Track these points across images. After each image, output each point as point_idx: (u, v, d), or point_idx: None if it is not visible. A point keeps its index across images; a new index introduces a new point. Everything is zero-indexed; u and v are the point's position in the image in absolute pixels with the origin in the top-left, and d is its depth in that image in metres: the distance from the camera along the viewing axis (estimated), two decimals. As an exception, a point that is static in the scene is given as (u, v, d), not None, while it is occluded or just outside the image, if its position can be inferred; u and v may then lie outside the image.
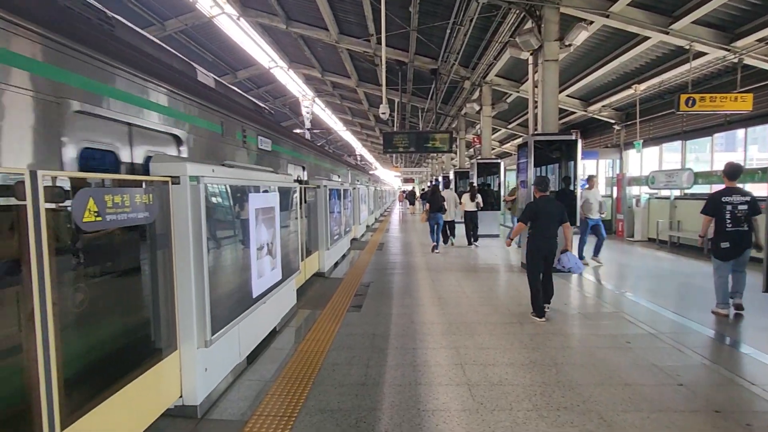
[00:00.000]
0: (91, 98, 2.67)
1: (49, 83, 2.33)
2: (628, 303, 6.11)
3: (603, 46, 9.89)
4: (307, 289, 6.95)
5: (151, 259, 2.83)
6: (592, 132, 16.14)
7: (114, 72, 2.89)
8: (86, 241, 2.32)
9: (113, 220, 2.32)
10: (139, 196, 2.54)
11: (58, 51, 2.40)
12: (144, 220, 2.61)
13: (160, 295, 2.83)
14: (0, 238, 1.89)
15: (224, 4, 12.25)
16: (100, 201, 2.22)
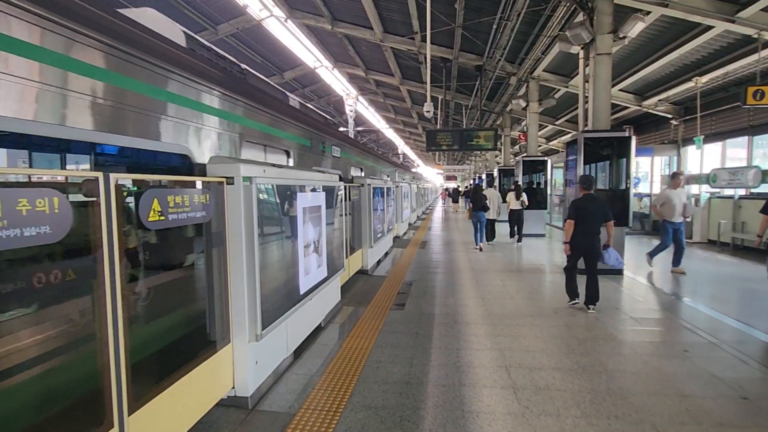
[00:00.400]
0: (251, 132, 3.98)
1: (239, 126, 3.76)
2: (686, 309, 5.78)
3: (660, 37, 9.37)
4: (351, 286, 7.05)
5: (206, 256, 2.98)
6: (647, 127, 15.34)
7: (260, 114, 4.19)
8: (150, 237, 2.47)
9: (175, 219, 2.46)
10: (197, 196, 2.68)
11: (240, 106, 3.78)
12: (201, 219, 2.75)
13: (215, 290, 2.97)
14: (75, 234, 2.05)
15: (272, 6, 12.62)
16: (163, 201, 2.37)
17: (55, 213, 1.71)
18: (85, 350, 2.05)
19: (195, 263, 3.04)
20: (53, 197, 1.70)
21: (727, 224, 10.63)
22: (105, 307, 1.96)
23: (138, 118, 2.42)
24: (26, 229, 1.60)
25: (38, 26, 1.81)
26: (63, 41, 1.93)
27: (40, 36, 1.82)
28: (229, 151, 3.52)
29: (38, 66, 1.82)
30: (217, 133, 3.33)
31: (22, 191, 1.60)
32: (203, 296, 2.99)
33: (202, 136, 3.10)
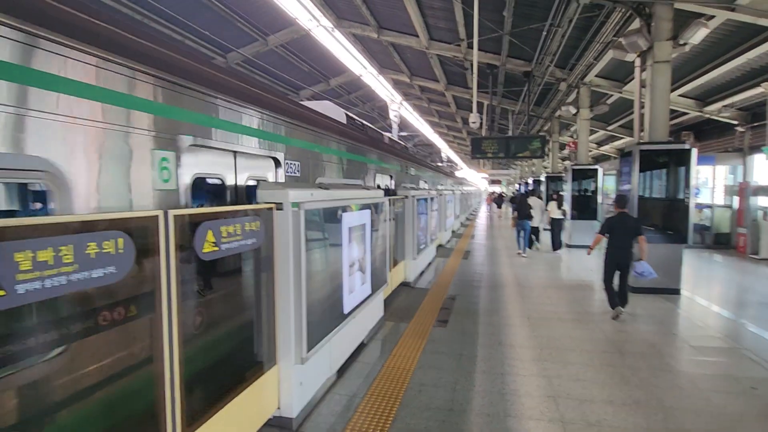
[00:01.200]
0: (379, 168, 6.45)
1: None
2: (751, 337, 5.38)
3: (725, 41, 8.78)
4: (394, 299, 7.05)
5: (255, 280, 3.07)
6: (708, 134, 14.42)
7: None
8: (203, 264, 2.56)
9: (228, 248, 2.56)
10: (248, 224, 2.77)
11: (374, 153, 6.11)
12: (252, 246, 2.84)
13: (263, 314, 3.06)
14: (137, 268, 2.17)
15: (320, 17, 12.87)
16: (217, 232, 2.46)
17: (120, 253, 1.81)
18: (142, 375, 2.16)
19: (246, 288, 3.14)
20: (119, 238, 1.81)
21: (800, 241, 9.81)
22: (162, 336, 2.06)
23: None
24: (94, 271, 1.70)
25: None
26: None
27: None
28: (370, 179, 6.54)
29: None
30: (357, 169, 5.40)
31: (91, 236, 1.70)
32: (253, 320, 3.08)
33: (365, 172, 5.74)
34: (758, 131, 11.49)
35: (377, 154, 7.31)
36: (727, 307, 6.71)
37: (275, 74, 16.87)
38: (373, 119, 27.65)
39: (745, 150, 12.20)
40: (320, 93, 19.81)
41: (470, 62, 12.41)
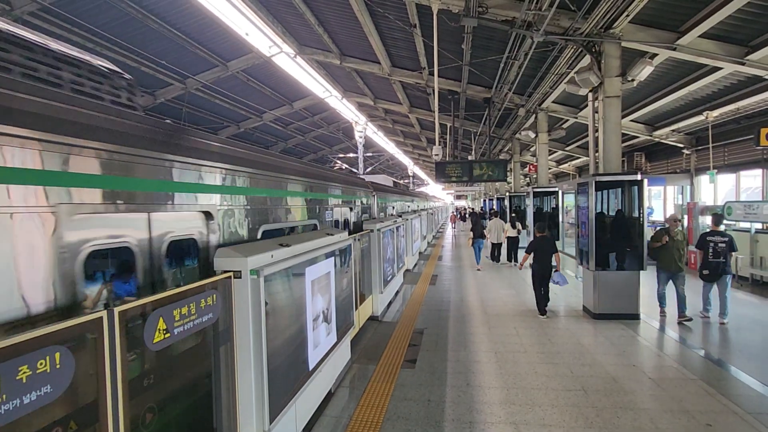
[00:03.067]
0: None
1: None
2: (704, 364, 5.60)
3: (669, 75, 9.34)
4: (362, 336, 6.96)
5: (213, 353, 2.93)
6: (658, 155, 15.21)
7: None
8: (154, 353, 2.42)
9: (181, 331, 2.44)
10: (203, 300, 2.65)
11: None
12: (208, 322, 2.72)
13: (222, 389, 2.92)
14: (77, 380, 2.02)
15: (282, 44, 12.84)
16: (168, 317, 2.34)
17: (56, 369, 1.68)
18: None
19: (201, 362, 2.99)
20: (55, 353, 1.68)
21: (744, 259, 10.38)
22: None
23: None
24: (26, 397, 1.57)
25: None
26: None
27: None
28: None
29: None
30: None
31: (24, 359, 1.57)
32: (210, 396, 2.94)
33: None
34: (703, 154, 12.19)
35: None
36: (682, 332, 6.97)
37: (237, 99, 16.66)
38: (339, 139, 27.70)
39: (692, 171, 12.91)
40: (283, 117, 19.69)
41: (432, 89, 12.66)
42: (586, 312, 7.98)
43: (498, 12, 7.68)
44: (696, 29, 6.75)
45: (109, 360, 1.94)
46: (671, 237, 7.50)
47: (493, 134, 17.67)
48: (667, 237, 7.49)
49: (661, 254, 7.60)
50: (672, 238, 7.50)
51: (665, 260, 7.58)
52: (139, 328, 2.17)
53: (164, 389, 2.58)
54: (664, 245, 7.50)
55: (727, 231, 11.40)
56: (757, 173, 11.07)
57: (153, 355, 2.37)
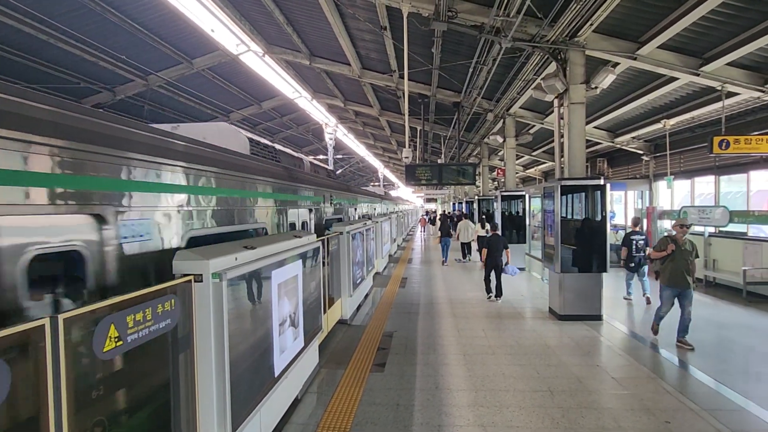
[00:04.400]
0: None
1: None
2: (663, 363, 5.80)
3: (630, 84, 9.68)
4: (330, 340, 6.85)
5: (172, 361, 2.78)
6: (620, 161, 15.76)
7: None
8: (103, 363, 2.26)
9: (136, 339, 2.29)
10: (161, 306, 2.51)
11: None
12: (166, 329, 2.57)
13: (182, 399, 2.78)
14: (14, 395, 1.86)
15: (250, 42, 12.57)
16: (121, 324, 2.19)
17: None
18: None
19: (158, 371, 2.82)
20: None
21: (699, 261, 10.84)
22: None
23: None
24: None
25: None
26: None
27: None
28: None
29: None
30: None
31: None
32: (168, 405, 2.79)
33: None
34: (660, 160, 12.70)
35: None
36: (641, 330, 7.20)
37: (202, 98, 16.22)
38: (309, 141, 27.42)
39: (651, 177, 13.44)
40: (251, 117, 19.32)
41: (402, 92, 12.69)
42: (552, 313, 8.14)
43: (467, 17, 7.76)
44: (655, 40, 7.01)
45: (53, 372, 1.79)
46: (678, 246, 6.40)
47: (463, 138, 17.88)
48: (673, 246, 6.41)
49: (665, 267, 6.48)
50: (679, 247, 6.40)
51: (671, 274, 6.40)
52: (88, 337, 2.02)
53: (116, 401, 2.42)
54: (669, 255, 6.42)
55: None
56: (710, 179, 11.62)
57: (103, 365, 2.21)
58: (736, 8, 6.17)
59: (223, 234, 3.98)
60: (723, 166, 10.83)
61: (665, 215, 12.35)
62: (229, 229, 4.08)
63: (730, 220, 9.72)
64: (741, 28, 6.60)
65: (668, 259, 6.45)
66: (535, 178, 24.50)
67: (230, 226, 4.09)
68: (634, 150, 13.69)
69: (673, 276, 6.40)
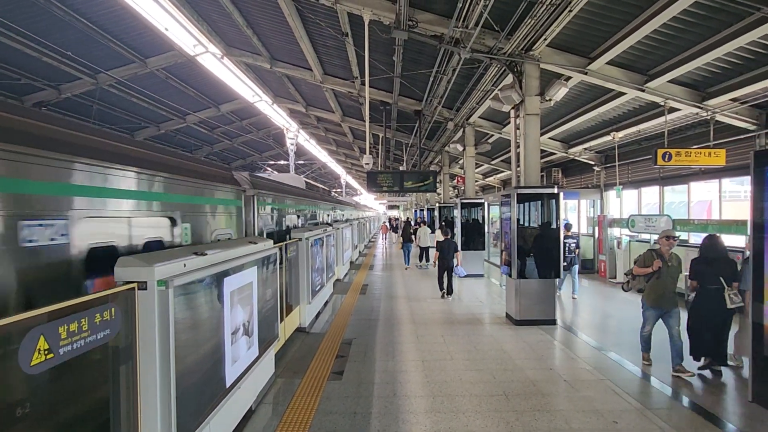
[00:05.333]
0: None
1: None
2: (612, 366, 6.01)
3: (582, 97, 10.12)
4: (287, 349, 6.69)
5: (112, 373, 2.61)
6: (573, 171, 16.41)
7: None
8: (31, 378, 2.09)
9: (69, 351, 2.13)
10: (99, 315, 2.36)
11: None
12: (105, 339, 2.41)
13: (122, 413, 2.61)
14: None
15: (208, 43, 12.25)
16: (52, 335, 2.04)
17: None
18: None
19: (96, 384, 2.64)
20: None
21: (645, 267, 11.40)
22: None
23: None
24: None
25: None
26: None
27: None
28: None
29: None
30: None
31: None
32: (106, 419, 2.61)
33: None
34: (610, 171, 13.32)
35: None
36: (592, 335, 7.46)
37: (157, 99, 15.65)
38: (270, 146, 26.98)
39: (602, 187, 14.06)
40: (208, 119, 18.80)
41: (364, 98, 12.72)
42: (509, 319, 8.31)
43: (427, 27, 7.88)
44: (604, 56, 7.36)
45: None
46: (665, 261, 5.69)
47: (424, 146, 18.11)
48: (659, 262, 5.63)
49: (651, 285, 5.77)
50: (666, 262, 5.69)
51: (655, 293, 5.69)
52: (12, 349, 1.86)
53: (45, 419, 2.24)
54: (655, 273, 5.68)
55: (631, 241, 12.62)
56: (655, 190, 12.30)
57: (31, 380, 2.04)
58: (677, 29, 6.57)
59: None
60: (667, 177, 11.48)
61: (614, 223, 12.94)
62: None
63: (673, 228, 10.26)
64: (681, 48, 7.04)
65: (653, 277, 5.70)
66: (494, 186, 25.12)
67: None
68: (586, 161, 14.30)
69: (660, 296, 5.66)
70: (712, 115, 8.28)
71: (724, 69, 7.37)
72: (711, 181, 10.45)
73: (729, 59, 7.03)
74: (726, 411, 4.72)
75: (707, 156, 8.25)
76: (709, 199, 11.85)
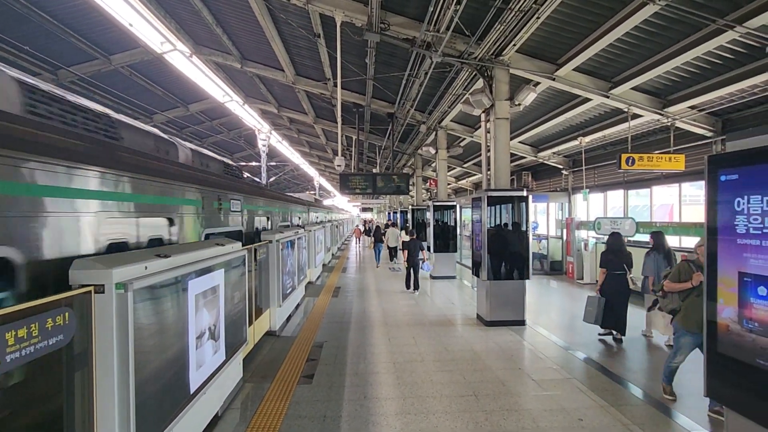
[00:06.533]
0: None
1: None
2: (578, 365, 6.15)
3: (550, 102, 10.37)
4: (257, 353, 6.57)
5: (65, 385, 2.48)
6: (543, 174, 16.78)
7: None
8: None
9: (16, 358, 2.02)
10: (50, 320, 2.24)
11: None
12: (58, 345, 2.30)
13: (77, 424, 2.49)
14: None
15: (176, 41, 11.95)
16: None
17: None
18: None
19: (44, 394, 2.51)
20: None
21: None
22: None
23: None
24: None
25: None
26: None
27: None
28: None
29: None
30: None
31: None
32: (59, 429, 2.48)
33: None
34: (578, 175, 13.69)
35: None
36: (560, 335, 7.63)
37: (121, 97, 15.16)
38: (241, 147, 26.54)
39: (570, 190, 14.43)
40: (176, 119, 18.34)
41: (336, 100, 12.67)
42: (480, 320, 8.40)
43: (399, 30, 7.92)
44: (571, 63, 7.57)
45: None
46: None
47: (397, 149, 18.18)
48: (701, 275, 4.42)
49: (688, 304, 4.71)
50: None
51: (697, 314, 4.14)
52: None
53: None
54: (695, 289, 4.61)
55: (597, 243, 12.98)
56: (620, 193, 12.71)
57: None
58: (639, 38, 6.82)
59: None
60: (631, 181, 11.89)
61: (582, 225, 13.30)
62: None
63: (636, 230, 10.63)
64: (643, 56, 7.31)
65: (692, 294, 4.65)
66: (466, 189, 25.44)
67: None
68: (555, 164, 14.65)
69: (695, 319, 4.45)
70: (672, 122, 8.63)
71: (683, 78, 7.69)
72: (672, 185, 10.88)
73: (687, 68, 7.35)
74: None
75: (668, 161, 8.58)
76: (671, 202, 12.34)
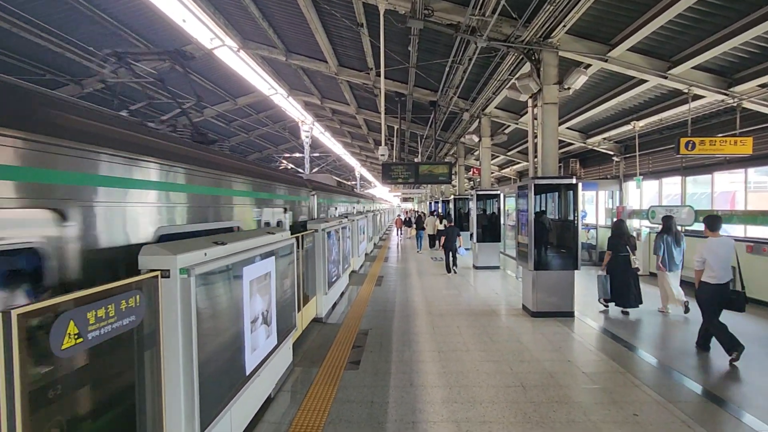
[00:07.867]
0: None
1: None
2: (631, 357, 5.94)
3: (601, 86, 9.91)
4: (304, 339, 6.77)
5: (138, 358, 2.68)
6: (592, 162, 16.13)
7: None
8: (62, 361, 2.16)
9: (97, 336, 2.20)
10: (125, 302, 2.42)
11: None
12: (131, 325, 2.48)
13: (147, 398, 2.68)
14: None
15: (225, 36, 12.32)
16: (81, 321, 2.10)
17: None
18: None
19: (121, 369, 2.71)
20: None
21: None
22: None
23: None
24: None
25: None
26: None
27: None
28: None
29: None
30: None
31: None
32: (132, 407, 2.68)
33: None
34: (630, 161, 13.06)
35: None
36: (611, 327, 7.37)
37: (175, 92, 15.78)
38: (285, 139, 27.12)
39: (621, 177, 13.80)
40: (225, 113, 18.96)
41: (379, 89, 12.68)
42: (525, 310, 8.25)
43: (443, 15, 7.79)
44: (625, 42, 7.19)
45: (5, 369, 1.70)
46: None
47: (439, 137, 17.97)
48: None
49: None
50: None
51: None
52: (44, 333, 1.92)
53: (76, 401, 2.32)
54: None
55: (651, 233, 12.38)
56: (677, 180, 12.02)
57: (62, 363, 2.11)
58: (701, 12, 6.37)
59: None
60: (689, 167, 11.20)
61: (634, 214, 12.70)
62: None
63: (695, 219, 10.04)
64: (706, 32, 6.83)
65: None
66: (510, 178, 24.85)
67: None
68: (605, 151, 14.03)
69: None
70: (739, 102, 8.03)
71: (752, 54, 7.13)
72: (736, 171, 10.17)
73: (757, 43, 6.80)
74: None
75: (733, 144, 8.01)
76: (733, 189, 11.55)
